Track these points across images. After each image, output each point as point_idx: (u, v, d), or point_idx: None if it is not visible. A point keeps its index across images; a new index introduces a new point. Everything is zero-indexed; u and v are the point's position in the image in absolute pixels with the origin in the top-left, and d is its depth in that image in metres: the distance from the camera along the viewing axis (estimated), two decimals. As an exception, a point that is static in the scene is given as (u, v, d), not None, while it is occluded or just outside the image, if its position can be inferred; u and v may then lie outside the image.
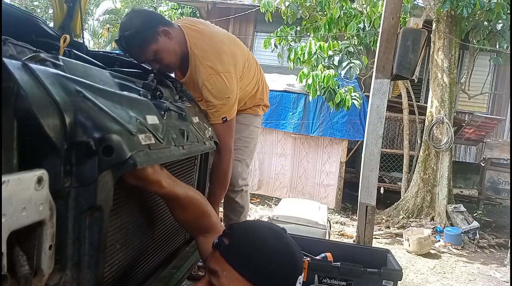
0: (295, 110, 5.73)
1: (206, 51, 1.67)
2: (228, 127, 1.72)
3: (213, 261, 0.89)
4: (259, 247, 0.89)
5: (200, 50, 1.67)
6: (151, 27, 1.55)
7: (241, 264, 0.86)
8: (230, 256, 0.87)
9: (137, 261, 1.07)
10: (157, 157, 0.89)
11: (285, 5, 5.68)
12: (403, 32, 2.62)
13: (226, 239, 0.90)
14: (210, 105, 1.68)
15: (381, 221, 5.30)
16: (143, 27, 1.53)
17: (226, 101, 1.68)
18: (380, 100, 2.71)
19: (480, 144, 6.82)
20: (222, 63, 1.67)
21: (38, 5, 11.86)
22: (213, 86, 1.65)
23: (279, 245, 0.91)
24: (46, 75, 0.67)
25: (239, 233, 0.91)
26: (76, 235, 0.70)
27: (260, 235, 0.91)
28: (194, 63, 1.67)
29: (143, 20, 1.55)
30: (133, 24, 1.52)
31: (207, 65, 1.65)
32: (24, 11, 1.35)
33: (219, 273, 0.86)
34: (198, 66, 1.66)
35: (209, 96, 1.66)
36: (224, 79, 1.65)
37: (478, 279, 3.71)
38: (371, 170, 2.70)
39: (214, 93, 1.65)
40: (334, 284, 1.98)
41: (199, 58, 1.66)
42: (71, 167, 0.67)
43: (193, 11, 11.03)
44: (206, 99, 1.69)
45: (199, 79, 1.67)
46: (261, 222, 1.01)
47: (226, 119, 1.69)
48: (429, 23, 5.52)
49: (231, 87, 1.68)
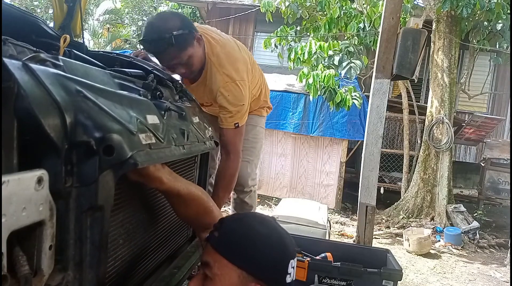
0: (295, 110, 5.73)
1: (222, 59, 1.71)
2: (239, 132, 1.78)
3: (206, 253, 0.92)
4: (247, 234, 0.91)
5: (216, 57, 1.70)
6: (191, 31, 1.55)
7: (230, 252, 0.88)
8: (219, 246, 0.89)
9: (138, 260, 1.07)
10: (158, 157, 0.89)
11: (285, 5, 5.68)
12: (403, 32, 2.62)
13: (216, 232, 0.92)
14: (224, 111, 1.73)
15: (381, 221, 5.30)
16: (185, 29, 1.51)
17: (241, 108, 1.73)
18: (380, 100, 2.71)
19: (480, 144, 6.82)
20: (237, 71, 1.72)
21: (38, 5, 11.85)
22: (229, 93, 1.69)
23: (267, 230, 0.93)
24: (46, 75, 0.67)
25: (227, 224, 0.94)
26: (77, 235, 0.70)
27: (247, 224, 0.94)
28: (210, 70, 1.71)
29: (183, 22, 1.53)
30: (173, 25, 1.49)
31: (224, 73, 1.69)
32: (24, 11, 1.35)
33: (211, 263, 0.88)
34: (215, 73, 1.70)
35: (224, 102, 1.71)
36: (240, 87, 1.71)
37: (478, 279, 3.71)
38: (371, 170, 2.70)
39: (230, 100, 1.70)
40: (334, 284, 1.98)
41: (216, 65, 1.70)
42: (71, 167, 0.67)
43: (193, 11, 11.04)
44: (221, 105, 1.73)
45: (214, 86, 1.71)
46: (250, 213, 1.04)
47: (238, 124, 1.74)
48: (429, 23, 5.52)
49: (245, 94, 1.73)
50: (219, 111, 1.76)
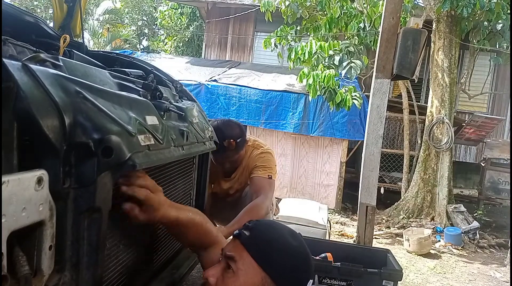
0: (295, 110, 5.72)
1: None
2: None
3: (232, 248, 0.92)
4: (279, 242, 0.93)
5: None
6: (244, 138, 2.03)
7: (260, 254, 0.89)
8: (250, 245, 0.90)
9: (137, 261, 1.07)
10: (157, 158, 0.89)
11: (285, 5, 5.67)
12: (403, 32, 2.61)
13: (247, 231, 0.93)
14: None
15: (381, 221, 5.29)
16: (243, 137, 2.01)
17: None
18: (380, 100, 2.70)
19: (480, 144, 6.81)
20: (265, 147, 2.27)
21: (38, 5, 11.85)
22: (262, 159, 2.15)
23: (297, 243, 0.95)
24: (45, 75, 0.67)
25: (260, 227, 0.95)
26: (75, 236, 0.70)
27: (280, 232, 0.96)
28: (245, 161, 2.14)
29: (241, 129, 2.03)
30: (236, 133, 1.96)
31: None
32: (24, 11, 1.35)
33: (236, 257, 0.89)
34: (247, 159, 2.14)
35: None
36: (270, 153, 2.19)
37: (478, 279, 3.70)
38: (371, 170, 2.70)
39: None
40: (334, 284, 1.98)
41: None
42: (70, 168, 0.67)
43: (193, 10, 11.04)
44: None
45: (251, 162, 2.12)
46: (279, 223, 1.06)
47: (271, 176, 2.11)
48: (429, 23, 5.52)
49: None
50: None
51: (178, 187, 1.31)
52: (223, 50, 8.55)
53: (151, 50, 12.65)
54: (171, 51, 11.51)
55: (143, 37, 14.85)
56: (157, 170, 1.08)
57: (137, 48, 13.65)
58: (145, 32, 14.72)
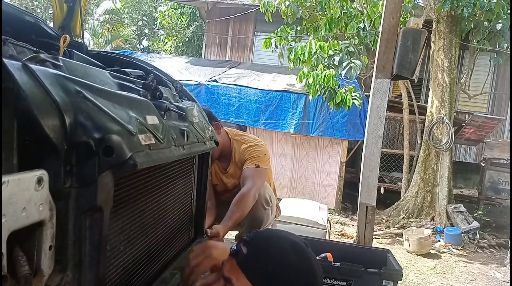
0: (295, 110, 5.72)
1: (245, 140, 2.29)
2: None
3: (229, 268, 0.87)
4: (277, 260, 0.85)
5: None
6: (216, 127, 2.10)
7: (256, 277, 0.84)
8: (246, 266, 0.85)
9: (139, 262, 1.07)
10: (158, 158, 0.89)
11: (285, 5, 5.67)
12: (403, 32, 2.61)
13: (244, 247, 0.87)
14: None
15: (381, 221, 5.29)
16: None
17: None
18: (380, 100, 2.70)
19: (480, 144, 6.82)
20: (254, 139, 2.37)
21: (38, 5, 11.85)
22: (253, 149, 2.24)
23: (299, 260, 0.87)
24: (46, 75, 0.67)
25: (258, 243, 0.89)
26: (76, 235, 0.70)
27: (280, 248, 0.88)
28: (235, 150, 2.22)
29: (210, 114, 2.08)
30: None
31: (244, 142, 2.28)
32: (24, 11, 1.35)
33: (233, 281, 0.85)
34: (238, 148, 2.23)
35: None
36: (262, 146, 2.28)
37: (478, 279, 3.71)
38: (371, 170, 2.70)
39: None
40: (334, 284, 1.98)
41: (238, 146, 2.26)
42: (71, 168, 0.67)
43: (193, 10, 11.04)
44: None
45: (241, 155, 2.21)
46: (284, 232, 0.98)
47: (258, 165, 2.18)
48: (429, 23, 5.52)
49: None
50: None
51: (179, 187, 1.31)
52: (223, 50, 8.55)
53: (151, 50, 12.65)
54: (171, 51, 11.51)
55: (143, 37, 14.85)
56: (158, 169, 1.08)
57: (137, 48, 13.66)
58: (145, 32, 14.73)
